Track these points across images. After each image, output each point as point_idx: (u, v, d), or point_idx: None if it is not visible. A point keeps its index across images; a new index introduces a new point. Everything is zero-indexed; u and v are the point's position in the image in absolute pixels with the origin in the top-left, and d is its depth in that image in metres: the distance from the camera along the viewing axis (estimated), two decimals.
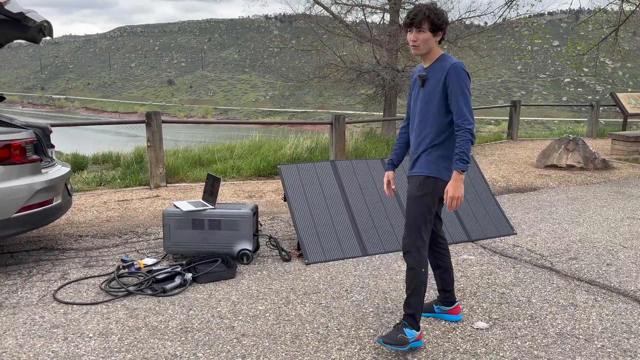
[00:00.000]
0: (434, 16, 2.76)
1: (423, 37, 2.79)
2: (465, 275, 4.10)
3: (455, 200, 2.76)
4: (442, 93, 2.82)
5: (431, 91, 2.86)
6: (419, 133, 2.94)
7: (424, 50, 2.84)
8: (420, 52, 2.86)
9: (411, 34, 2.83)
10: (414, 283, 2.88)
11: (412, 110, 3.04)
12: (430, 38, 2.79)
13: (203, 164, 8.75)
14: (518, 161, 9.90)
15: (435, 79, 2.84)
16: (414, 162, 2.99)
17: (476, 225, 5.09)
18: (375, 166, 5.18)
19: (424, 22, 2.76)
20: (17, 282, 3.88)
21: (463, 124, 2.75)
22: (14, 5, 4.05)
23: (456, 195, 2.75)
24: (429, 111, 2.88)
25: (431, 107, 2.87)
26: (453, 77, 2.77)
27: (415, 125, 2.97)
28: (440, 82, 2.81)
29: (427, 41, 2.80)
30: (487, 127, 63.03)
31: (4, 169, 3.83)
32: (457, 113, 2.76)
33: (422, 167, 2.91)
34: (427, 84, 2.88)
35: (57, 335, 3.07)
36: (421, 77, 2.92)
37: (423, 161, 2.91)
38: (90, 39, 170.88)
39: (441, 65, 2.83)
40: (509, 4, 12.61)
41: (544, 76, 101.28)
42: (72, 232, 5.17)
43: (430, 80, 2.87)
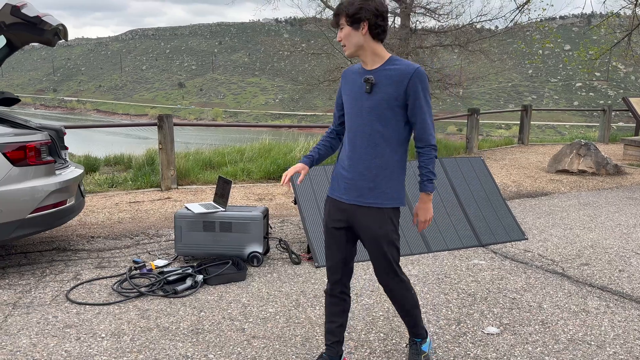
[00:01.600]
0: (347, 6, 2.36)
1: (344, 33, 2.39)
2: (476, 280, 4.09)
3: (428, 222, 2.55)
4: (395, 102, 2.36)
5: (383, 99, 2.37)
6: (365, 152, 2.42)
7: (354, 48, 2.40)
8: (351, 52, 2.43)
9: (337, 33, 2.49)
10: (411, 308, 2.67)
11: (350, 120, 2.49)
12: (350, 32, 2.36)
13: (214, 167, 8.80)
14: (529, 166, 9.85)
15: (389, 84, 2.36)
16: (366, 188, 2.45)
17: (487, 229, 5.07)
18: None
19: (341, 17, 2.39)
20: (30, 282, 3.93)
21: (428, 140, 2.40)
22: (31, 9, 4.11)
23: (428, 218, 2.53)
24: (381, 124, 2.39)
25: (384, 119, 2.39)
26: (418, 85, 2.34)
27: (358, 140, 2.44)
28: (398, 89, 2.35)
29: (349, 37, 2.37)
30: (497, 131, 62.75)
31: (19, 170, 3.89)
32: (422, 127, 2.39)
33: (389, 196, 2.45)
34: (376, 90, 2.38)
35: (70, 335, 3.10)
36: (369, 80, 2.38)
37: (388, 188, 2.44)
38: (102, 42, 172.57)
39: (397, 69, 2.36)
40: (521, 8, 12.58)
41: (555, 80, 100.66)
42: (85, 233, 5.22)
43: (381, 86, 2.37)
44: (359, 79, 2.44)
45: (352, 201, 2.49)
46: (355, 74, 2.48)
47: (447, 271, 4.28)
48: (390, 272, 2.57)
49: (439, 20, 13.91)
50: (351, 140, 2.48)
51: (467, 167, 5.51)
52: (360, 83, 2.43)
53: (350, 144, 2.48)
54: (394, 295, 2.64)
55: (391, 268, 2.56)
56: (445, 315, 3.45)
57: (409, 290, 2.64)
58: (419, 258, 4.57)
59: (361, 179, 2.46)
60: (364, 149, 2.43)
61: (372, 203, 2.46)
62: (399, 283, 2.60)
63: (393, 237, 2.52)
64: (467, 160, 5.62)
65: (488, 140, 14.70)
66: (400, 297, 2.63)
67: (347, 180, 2.50)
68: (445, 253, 4.72)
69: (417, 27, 14.01)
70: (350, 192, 2.49)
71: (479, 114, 11.40)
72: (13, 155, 3.86)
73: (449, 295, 3.78)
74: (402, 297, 2.63)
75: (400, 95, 2.36)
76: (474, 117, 11.24)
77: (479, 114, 11.46)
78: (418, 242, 4.73)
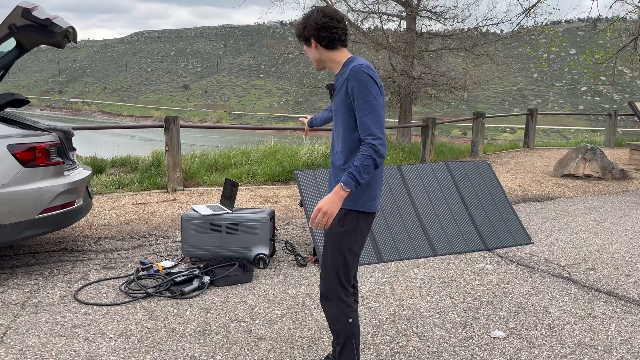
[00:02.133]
0: (296, 30, 2.46)
1: (306, 51, 2.50)
2: (482, 284, 4.09)
3: (323, 216, 2.20)
4: (345, 104, 2.33)
5: (338, 103, 2.39)
6: (336, 151, 2.47)
7: (316, 63, 2.49)
8: (316, 66, 2.52)
9: None
10: (342, 336, 2.42)
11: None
12: (308, 50, 2.46)
13: (219, 169, 8.82)
14: (535, 170, 9.83)
15: (339, 88, 2.39)
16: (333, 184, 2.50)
17: (493, 233, 5.07)
18: (392, 173, 5.19)
19: (300, 39, 2.48)
20: (39, 282, 3.95)
21: (367, 139, 2.23)
22: (41, 11, 4.15)
23: (327, 210, 2.19)
24: (338, 127, 2.42)
25: (339, 121, 2.40)
26: (353, 84, 2.27)
27: (333, 141, 2.52)
28: (342, 91, 2.34)
29: (308, 53, 2.48)
30: (502, 134, 62.63)
31: (28, 171, 3.92)
32: (361, 127, 2.26)
33: (349, 198, 2.36)
34: (335, 94, 2.43)
35: (79, 335, 3.12)
36: (328, 87, 2.50)
37: None
38: (107, 44, 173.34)
39: (343, 72, 2.37)
40: (527, 12, 12.58)
41: (561, 84, 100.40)
42: (92, 234, 5.25)
43: (337, 90, 2.42)
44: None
45: None
46: None
47: (453, 275, 4.28)
48: (328, 283, 2.42)
49: (445, 23, 13.93)
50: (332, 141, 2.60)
51: (473, 171, 5.51)
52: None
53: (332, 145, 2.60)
54: (326, 315, 2.47)
55: (329, 279, 2.41)
56: (452, 318, 3.46)
57: (345, 317, 2.41)
58: (424, 262, 4.58)
59: (333, 181, 2.49)
60: (333, 152, 2.51)
61: None
62: (335, 304, 2.41)
63: (342, 244, 2.37)
64: (473, 163, 5.63)
65: (493, 144, 14.69)
66: (331, 319, 2.44)
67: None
68: (451, 257, 4.72)
69: (423, 30, 14.02)
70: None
71: (484, 118, 11.40)
72: (23, 156, 3.89)
73: (455, 299, 3.78)
74: (334, 320, 2.43)
75: (345, 96, 2.32)
76: (479, 121, 11.23)
77: (485, 118, 11.45)
78: (424, 246, 4.73)
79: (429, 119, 10.03)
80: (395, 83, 13.10)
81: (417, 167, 5.33)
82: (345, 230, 2.37)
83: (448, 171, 5.40)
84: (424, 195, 5.11)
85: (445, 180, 5.31)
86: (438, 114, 51.52)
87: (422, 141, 10.17)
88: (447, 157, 10.94)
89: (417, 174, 5.24)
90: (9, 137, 3.92)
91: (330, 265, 2.41)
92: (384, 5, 13.74)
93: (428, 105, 15.45)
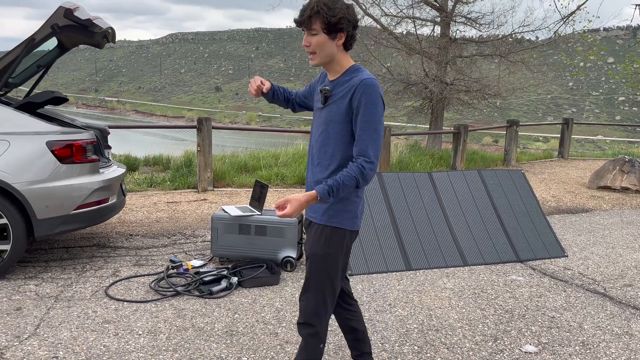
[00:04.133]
0: (327, 11, 2.02)
1: (317, 40, 2.08)
2: (514, 297, 3.99)
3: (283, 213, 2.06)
4: (345, 116, 2.13)
5: (334, 112, 2.15)
6: (318, 162, 2.23)
7: (323, 59, 2.13)
8: (319, 62, 2.14)
9: (305, 36, 2.13)
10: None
11: (312, 131, 2.30)
12: (326, 42, 2.08)
13: (249, 170, 8.89)
14: (569, 181, 9.58)
15: (340, 96, 2.14)
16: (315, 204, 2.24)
17: (525, 245, 4.95)
18: (422, 180, 5.12)
19: (314, 20, 2.04)
20: (71, 276, 4.04)
21: (359, 159, 2.09)
22: (82, 12, 4.25)
23: (292, 212, 2.05)
24: (330, 138, 2.17)
25: (333, 132, 2.16)
26: (364, 98, 2.07)
27: (316, 151, 2.24)
28: (345, 101, 2.12)
29: (323, 46, 2.08)
30: (534, 143, 61.35)
31: (65, 168, 4.01)
32: (357, 144, 2.11)
33: (327, 214, 2.20)
34: (330, 101, 2.17)
35: (109, 331, 3.17)
36: (323, 91, 2.19)
37: (336, 206, 2.20)
38: (143, 45, 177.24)
39: (347, 80, 2.14)
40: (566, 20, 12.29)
41: (597, 94, 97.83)
42: (123, 230, 5.35)
43: (334, 97, 2.16)
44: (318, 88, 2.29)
45: (306, 216, 2.35)
46: (319, 82, 2.32)
47: (483, 286, 4.19)
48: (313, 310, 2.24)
49: (480, 29, 13.73)
50: (309, 151, 2.30)
51: (506, 180, 5.40)
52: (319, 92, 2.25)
53: (309, 155, 2.31)
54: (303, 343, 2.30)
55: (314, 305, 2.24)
56: (482, 331, 3.38)
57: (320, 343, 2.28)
58: (454, 271, 4.50)
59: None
60: (313, 163, 2.26)
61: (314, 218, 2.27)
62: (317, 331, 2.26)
63: (329, 267, 2.21)
64: (507, 172, 5.51)
65: (526, 153, 14.39)
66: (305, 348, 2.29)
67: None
68: (481, 267, 4.63)
69: (457, 36, 13.86)
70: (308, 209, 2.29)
71: (518, 126, 11.18)
72: (61, 152, 3.99)
73: (486, 311, 3.70)
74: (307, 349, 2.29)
75: (347, 107, 2.12)
76: (513, 129, 11.02)
77: (519, 126, 11.23)
78: (454, 255, 4.65)
79: (461, 125, 9.89)
80: (428, 89, 12.98)
81: (448, 174, 5.25)
82: (332, 251, 2.20)
83: (481, 180, 5.30)
84: (455, 204, 5.03)
85: (478, 189, 5.22)
86: (469, 120, 50.81)
87: (453, 148, 10.03)
88: (478, 165, 10.77)
89: (448, 181, 5.16)
90: (48, 133, 4.03)
91: (316, 291, 2.23)
92: (417, 10, 13.65)
93: (459, 111, 15.26)
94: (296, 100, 2.50)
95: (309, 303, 2.25)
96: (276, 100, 2.46)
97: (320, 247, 2.21)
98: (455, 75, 13.45)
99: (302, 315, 2.28)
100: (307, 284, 2.27)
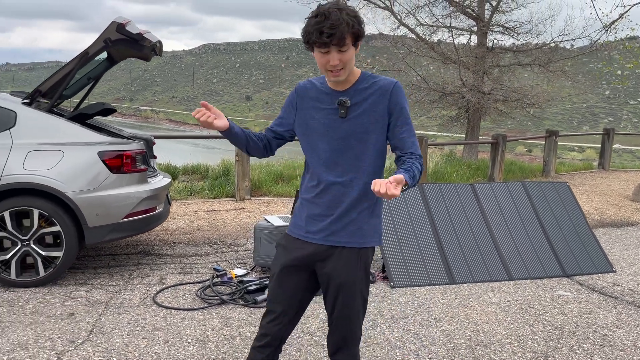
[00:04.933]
0: (357, 23, 1.87)
1: (348, 56, 1.89)
2: (562, 313, 3.89)
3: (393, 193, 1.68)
4: (382, 124, 1.98)
5: (366, 122, 1.98)
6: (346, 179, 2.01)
7: (348, 72, 1.95)
8: (345, 76, 1.95)
9: (326, 55, 1.88)
10: None
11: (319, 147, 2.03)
12: (353, 54, 1.93)
13: (284, 180, 8.95)
14: (611, 193, 9.31)
15: (369, 104, 1.98)
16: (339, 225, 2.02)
17: (572, 259, 4.82)
18: (465, 192, 5.06)
19: (347, 37, 1.85)
20: (119, 283, 4.13)
21: (415, 154, 1.97)
22: (133, 26, 4.38)
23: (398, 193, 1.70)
24: (360, 151, 1.99)
25: (364, 145, 1.99)
26: (400, 100, 1.98)
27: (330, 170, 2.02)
28: (379, 108, 1.97)
29: (352, 59, 1.93)
30: (570, 153, 59.84)
31: (115, 177, 4.13)
32: (405, 142, 1.98)
33: (357, 235, 2.03)
34: (353, 112, 1.98)
35: (159, 338, 3.23)
36: (341, 102, 1.98)
37: (367, 226, 2.03)
38: (176, 55, 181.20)
39: (367, 87, 1.99)
40: (607, 28, 12.00)
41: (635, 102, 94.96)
42: (167, 238, 5.45)
43: (359, 107, 1.98)
44: (328, 101, 2.02)
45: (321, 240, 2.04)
46: (321, 94, 2.04)
47: (530, 301, 4.10)
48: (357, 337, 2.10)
49: (518, 39, 13.53)
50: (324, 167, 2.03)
51: (551, 193, 5.28)
52: (330, 105, 2.01)
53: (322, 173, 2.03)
54: None
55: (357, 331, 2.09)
56: (532, 347, 3.30)
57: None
58: (499, 285, 4.41)
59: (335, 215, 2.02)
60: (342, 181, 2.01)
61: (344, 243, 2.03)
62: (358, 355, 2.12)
63: (363, 289, 2.07)
64: (551, 185, 5.40)
65: (565, 164, 14.06)
66: None
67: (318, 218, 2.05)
68: (527, 282, 4.53)
69: (494, 45, 13.70)
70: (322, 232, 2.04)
71: (557, 136, 10.94)
72: (111, 162, 4.10)
73: (534, 327, 3.62)
74: None
75: (384, 114, 1.98)
76: (552, 139, 10.79)
77: (558, 136, 10.99)
78: (498, 269, 4.57)
79: (499, 135, 9.74)
80: (464, 98, 12.85)
81: (492, 186, 5.17)
82: (365, 273, 2.06)
83: (525, 192, 5.20)
84: (499, 216, 4.94)
85: (522, 201, 5.12)
86: (502, 129, 49.99)
87: (491, 158, 9.88)
88: (516, 176, 10.57)
89: (491, 193, 5.08)
90: (99, 144, 4.15)
91: (358, 318, 2.07)
92: (454, 20, 13.56)
93: (494, 121, 15.05)
94: (272, 137, 2.16)
95: (355, 335, 2.08)
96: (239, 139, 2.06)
97: (359, 272, 2.03)
98: (493, 84, 13.27)
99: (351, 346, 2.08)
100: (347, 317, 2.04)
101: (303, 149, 2.11)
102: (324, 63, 1.89)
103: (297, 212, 2.13)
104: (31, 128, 4.09)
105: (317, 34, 1.83)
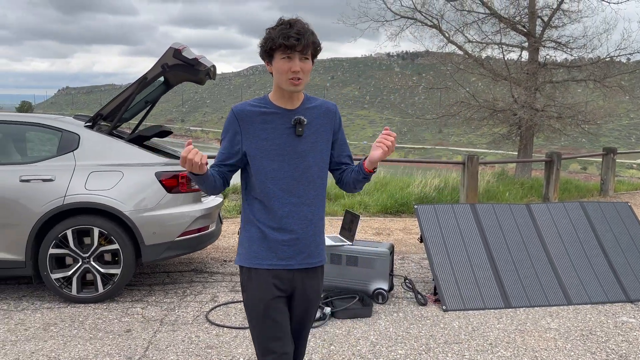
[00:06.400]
0: (317, 38, 1.96)
1: (308, 66, 1.96)
2: (627, 340, 3.67)
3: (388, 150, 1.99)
4: (329, 142, 2.09)
5: (319, 140, 2.04)
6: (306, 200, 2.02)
7: (304, 87, 1.99)
8: (302, 88, 1.98)
9: (288, 62, 1.91)
10: None
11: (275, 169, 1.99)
12: (308, 66, 1.97)
13: (331, 198, 8.96)
14: None
15: (319, 124, 2.06)
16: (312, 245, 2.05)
17: (636, 284, 4.56)
18: (520, 212, 4.91)
19: (309, 47, 1.92)
20: (174, 300, 4.23)
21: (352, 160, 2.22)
22: (189, 52, 4.56)
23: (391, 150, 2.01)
24: (320, 168, 2.05)
25: (319, 162, 2.05)
26: (339, 118, 2.15)
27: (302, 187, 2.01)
28: (327, 127, 2.08)
29: (309, 72, 1.99)
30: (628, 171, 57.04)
31: (171, 197, 4.26)
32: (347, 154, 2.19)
33: (323, 251, 2.15)
34: (307, 130, 2.02)
35: (212, 356, 3.27)
36: (299, 121, 2.00)
37: (323, 245, 2.14)
38: (225, 77, 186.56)
39: (319, 106, 2.08)
40: None
41: None
42: (218, 256, 5.55)
43: (311, 125, 2.04)
44: (279, 120, 2.00)
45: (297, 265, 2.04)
46: (269, 114, 2.00)
47: (591, 327, 3.90)
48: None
49: (572, 54, 13.13)
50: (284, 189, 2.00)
51: (612, 213, 5.05)
52: (284, 124, 2.00)
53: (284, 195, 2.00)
54: None
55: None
56: None
57: None
58: (557, 310, 4.23)
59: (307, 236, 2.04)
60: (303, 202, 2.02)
61: (317, 262, 2.09)
62: None
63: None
64: (612, 205, 5.16)
65: (624, 182, 13.42)
66: None
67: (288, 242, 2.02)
68: (587, 307, 4.32)
69: (547, 61, 13.34)
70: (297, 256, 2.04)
71: (615, 154, 10.47)
72: (168, 182, 4.24)
73: (597, 355, 3.43)
74: None
75: (329, 134, 2.09)
76: (609, 157, 10.34)
77: (616, 154, 10.52)
78: (556, 293, 4.39)
79: (553, 153, 9.42)
80: (516, 115, 12.53)
81: (548, 206, 5.00)
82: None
83: (583, 212, 4.99)
84: (556, 238, 4.76)
85: (581, 222, 4.91)
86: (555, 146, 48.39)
87: (545, 177, 9.56)
88: (572, 195, 10.17)
89: (548, 214, 4.91)
90: (156, 165, 4.31)
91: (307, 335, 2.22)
92: (504, 36, 13.30)
93: (547, 138, 14.58)
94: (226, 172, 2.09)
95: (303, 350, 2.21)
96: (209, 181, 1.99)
97: (320, 287, 2.15)
98: (546, 101, 12.89)
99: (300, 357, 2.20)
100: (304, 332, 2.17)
101: (252, 174, 2.01)
102: (285, 70, 1.91)
103: (255, 241, 2.02)
104: (93, 150, 4.29)
105: (283, 38, 1.87)
